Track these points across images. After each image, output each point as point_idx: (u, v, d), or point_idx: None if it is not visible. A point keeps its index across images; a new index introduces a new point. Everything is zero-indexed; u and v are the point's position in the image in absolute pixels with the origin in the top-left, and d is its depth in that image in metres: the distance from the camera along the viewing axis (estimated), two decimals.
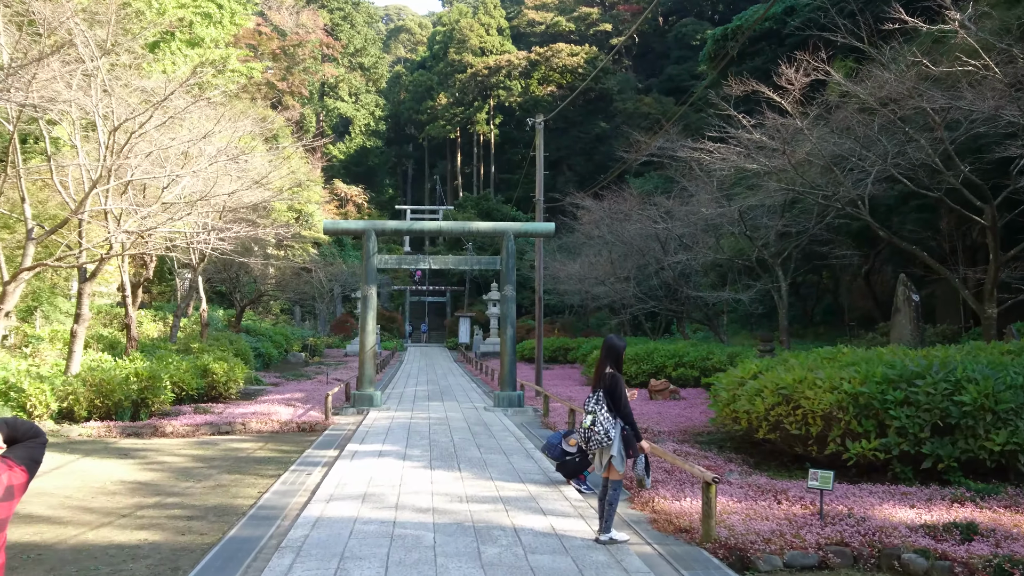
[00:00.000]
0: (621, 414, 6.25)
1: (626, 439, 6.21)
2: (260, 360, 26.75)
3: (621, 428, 6.23)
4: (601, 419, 6.22)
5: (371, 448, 10.74)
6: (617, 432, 6.20)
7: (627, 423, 6.25)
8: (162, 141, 15.10)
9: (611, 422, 6.21)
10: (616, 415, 6.25)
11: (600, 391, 6.35)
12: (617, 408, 6.26)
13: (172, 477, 9.13)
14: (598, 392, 6.36)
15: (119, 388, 12.89)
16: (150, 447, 11.33)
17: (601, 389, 6.34)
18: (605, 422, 6.21)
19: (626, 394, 6.33)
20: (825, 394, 9.04)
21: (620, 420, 6.24)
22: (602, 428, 6.20)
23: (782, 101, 13.69)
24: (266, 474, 9.36)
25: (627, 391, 6.41)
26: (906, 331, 17.20)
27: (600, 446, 6.19)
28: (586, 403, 6.43)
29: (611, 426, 6.20)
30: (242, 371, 17.76)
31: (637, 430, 6.32)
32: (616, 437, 6.18)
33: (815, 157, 14.10)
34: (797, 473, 9.57)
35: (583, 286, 33.18)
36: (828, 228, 20.81)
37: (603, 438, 6.18)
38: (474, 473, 8.91)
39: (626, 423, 6.24)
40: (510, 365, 16.38)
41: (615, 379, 6.31)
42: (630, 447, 6.22)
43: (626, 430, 6.24)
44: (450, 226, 16.95)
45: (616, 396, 6.25)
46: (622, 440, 6.22)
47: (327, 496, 7.65)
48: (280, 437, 12.68)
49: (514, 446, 11.11)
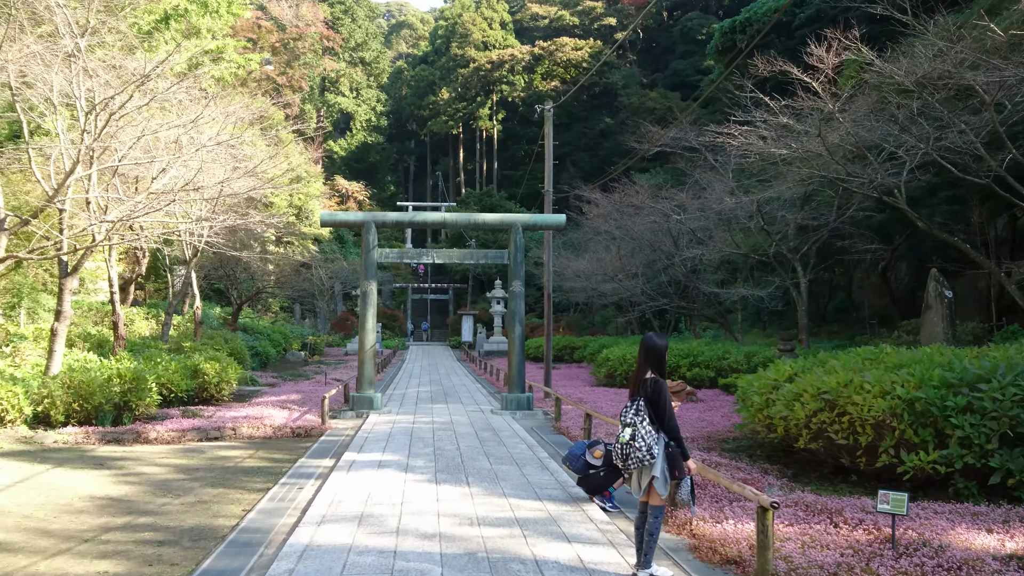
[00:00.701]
0: (666, 428, 5.29)
1: (671, 458, 5.25)
2: (257, 359, 25.84)
3: (666, 444, 5.28)
4: (643, 433, 5.27)
5: (370, 458, 9.81)
6: (661, 449, 5.25)
7: (672, 438, 5.29)
8: (150, 127, 14.18)
9: (654, 437, 5.26)
10: (660, 428, 5.30)
11: (640, 399, 5.39)
12: (660, 420, 5.30)
13: (148, 491, 8.21)
14: (637, 400, 5.41)
15: (99, 391, 11.97)
16: (130, 455, 10.41)
17: (641, 397, 5.39)
18: (647, 437, 5.25)
19: (671, 404, 5.37)
20: (875, 400, 8.09)
21: (664, 435, 5.29)
22: (644, 444, 5.25)
23: (812, 82, 12.73)
24: (253, 488, 8.44)
25: (672, 399, 5.45)
26: (938, 329, 16.24)
27: (640, 465, 5.25)
28: (623, 413, 5.48)
29: (654, 442, 5.24)
30: (235, 371, 16.85)
31: (684, 447, 5.36)
32: (660, 455, 5.23)
33: (847, 143, 13.14)
34: (842, 487, 8.64)
35: (589, 283, 32.27)
36: (851, 221, 19.86)
37: (645, 456, 5.23)
38: (484, 488, 7.97)
39: (671, 438, 5.29)
40: (518, 365, 15.45)
41: (658, 386, 5.34)
42: (676, 467, 5.25)
43: (671, 447, 5.28)
44: (454, 218, 15.98)
45: (660, 406, 5.30)
46: (667, 459, 5.27)
47: (319, 517, 6.72)
48: (272, 443, 11.76)
49: (526, 455, 10.18)
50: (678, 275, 28.03)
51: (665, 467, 5.27)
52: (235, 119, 15.96)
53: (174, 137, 15.31)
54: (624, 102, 67.70)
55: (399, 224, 16.04)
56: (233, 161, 16.27)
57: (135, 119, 14.79)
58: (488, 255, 16.06)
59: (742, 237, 23.69)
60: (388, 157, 79.51)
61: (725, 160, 21.48)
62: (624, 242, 29.32)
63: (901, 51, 12.87)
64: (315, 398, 16.21)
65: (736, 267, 30.10)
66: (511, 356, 15.62)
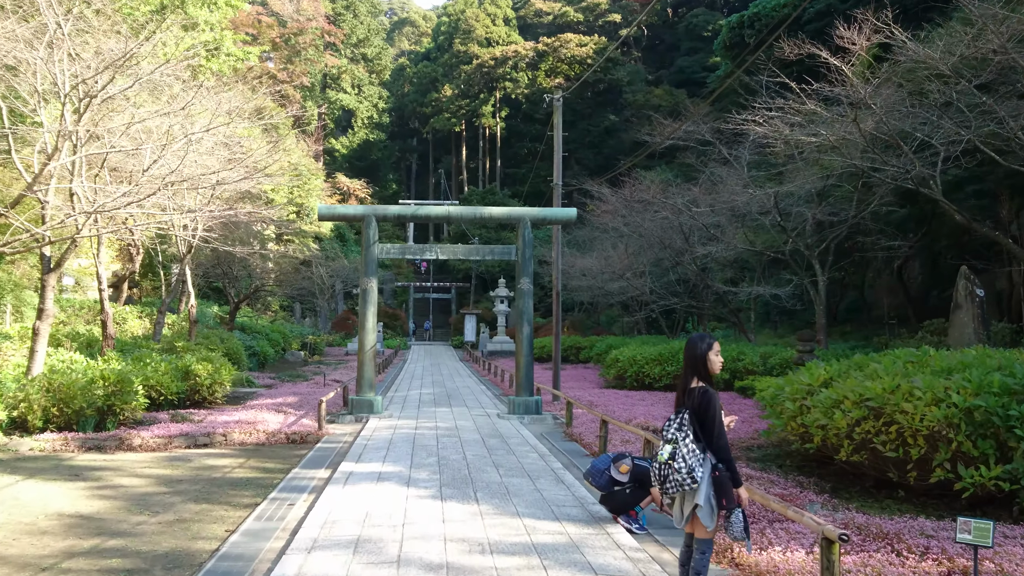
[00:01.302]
0: (714, 446, 4.47)
1: (719, 483, 4.43)
2: (254, 359, 25.09)
3: (713, 467, 4.48)
4: (684, 452, 4.47)
5: (369, 469, 9.02)
6: (706, 473, 4.45)
7: (721, 459, 4.46)
8: (140, 116, 13.42)
9: (698, 457, 4.45)
10: (707, 447, 4.50)
11: (685, 412, 4.60)
12: (707, 437, 4.49)
13: (124, 508, 7.43)
14: (682, 413, 4.61)
15: (80, 394, 11.19)
16: (110, 464, 9.64)
17: (687, 409, 4.59)
18: (690, 457, 4.44)
19: (722, 418, 4.55)
20: (928, 408, 7.30)
21: (711, 455, 4.49)
22: (684, 465, 4.45)
23: (842, 66, 11.93)
24: (240, 503, 7.66)
25: (723, 413, 4.64)
26: (968, 330, 15.41)
27: (680, 489, 4.46)
28: (665, 427, 4.69)
29: (698, 463, 4.44)
30: (229, 372, 16.07)
31: (736, 470, 4.50)
32: (705, 479, 4.43)
33: (879, 131, 12.33)
34: (888, 503, 7.85)
35: (595, 282, 31.48)
36: (871, 217, 19.04)
37: (685, 479, 4.43)
38: (495, 506, 7.18)
39: (720, 459, 4.47)
40: (526, 367, 14.65)
41: (706, 397, 4.52)
42: (724, 494, 4.41)
43: (720, 470, 4.46)
44: (459, 211, 15.18)
45: (707, 421, 4.49)
46: (712, 484, 4.46)
47: (309, 542, 5.94)
48: (265, 451, 10.98)
49: (538, 466, 9.39)
50: (687, 273, 27.22)
51: (711, 494, 4.46)
52: (230, 108, 15.17)
53: (166, 128, 14.56)
54: (629, 99, 66.87)
55: (401, 218, 15.25)
56: (228, 152, 15.48)
57: (122, 106, 14.04)
58: (495, 251, 15.26)
59: (756, 234, 22.88)
60: (390, 155, 78.70)
61: (740, 153, 20.69)
62: (631, 239, 28.52)
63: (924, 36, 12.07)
64: (313, 401, 15.45)
65: (746, 265, 29.27)
66: (519, 357, 14.83)
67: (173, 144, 13.37)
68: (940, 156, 12.27)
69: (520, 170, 71.22)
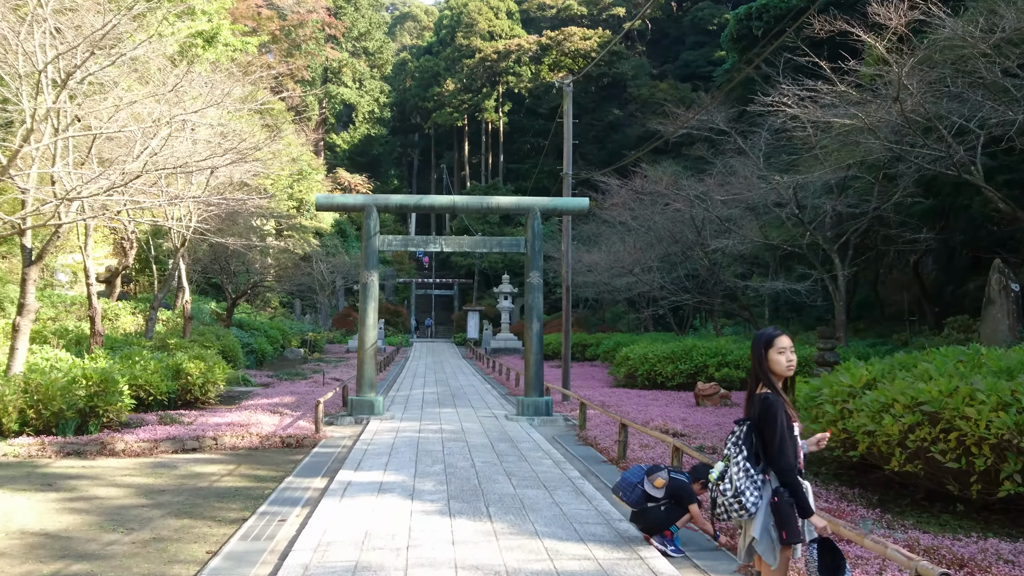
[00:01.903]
0: (776, 466, 3.67)
1: (778, 511, 3.60)
2: (252, 357, 24.34)
3: (774, 492, 3.67)
4: (734, 472, 3.69)
5: (369, 478, 8.25)
6: (764, 498, 3.67)
7: (784, 482, 3.64)
8: (129, 101, 12.63)
9: (752, 479, 3.65)
10: (764, 466, 3.72)
11: (746, 424, 3.81)
12: (766, 453, 3.71)
13: (96, 524, 6.67)
14: (743, 425, 3.83)
15: (60, 395, 10.43)
16: (88, 472, 8.88)
17: (749, 420, 3.81)
18: (740, 478, 3.65)
19: (787, 431, 3.71)
20: (994, 413, 6.52)
21: (769, 476, 3.70)
22: (731, 487, 3.67)
23: (877, 43, 11.12)
24: (226, 518, 6.89)
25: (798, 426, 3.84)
26: (1003, 326, 14.64)
27: (728, 516, 3.68)
28: (727, 441, 3.91)
29: (750, 486, 3.64)
30: (223, 371, 15.33)
31: (803, 496, 3.65)
32: (762, 507, 3.64)
33: (918, 113, 11.53)
34: (946, 519, 7.06)
35: (602, 278, 30.72)
36: (893, 209, 18.23)
37: (731, 503, 3.65)
38: (511, 523, 6.40)
39: (782, 482, 3.65)
40: (536, 366, 13.87)
41: (767, 405, 3.72)
42: (785, 525, 3.58)
43: (782, 495, 3.63)
44: (465, 201, 14.38)
45: (768, 433, 3.69)
46: (771, 512, 3.65)
47: (300, 569, 5.17)
48: (258, 456, 10.22)
49: (554, 474, 8.61)
50: (698, 268, 26.43)
51: (769, 524, 3.66)
52: (225, 92, 14.38)
53: (156, 115, 13.78)
54: (633, 93, 66.04)
55: (403, 208, 14.46)
56: (221, 139, 14.70)
57: (110, 90, 13.26)
58: (503, 243, 14.48)
59: (772, 227, 22.08)
60: (391, 150, 77.87)
61: (755, 143, 19.89)
62: (640, 233, 27.74)
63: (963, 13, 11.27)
64: (311, 400, 14.70)
65: (756, 260, 28.49)
66: (528, 355, 14.05)
67: (161, 129, 12.59)
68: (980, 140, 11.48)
69: (523, 166, 70.40)
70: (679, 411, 14.06)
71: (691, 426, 12.12)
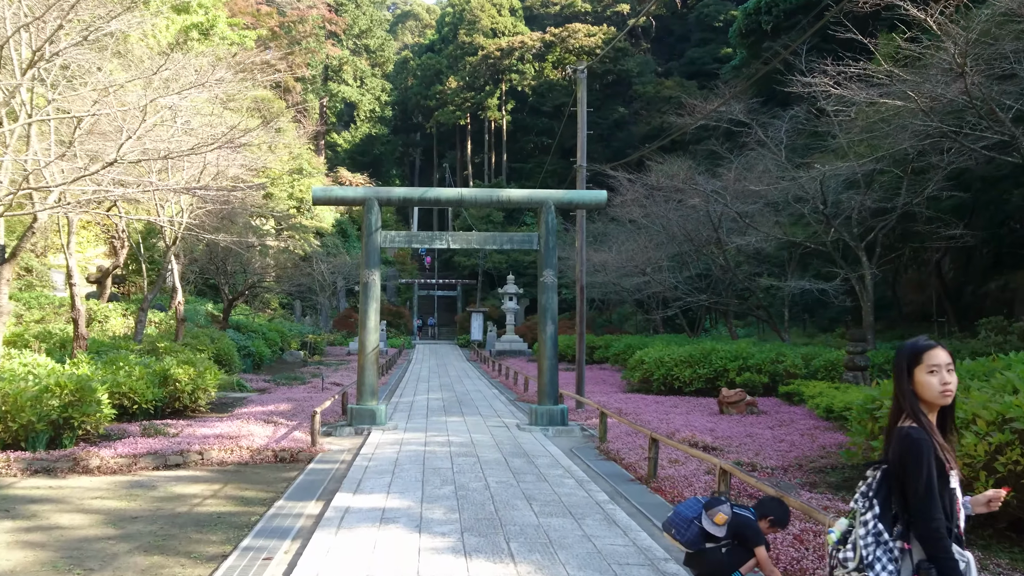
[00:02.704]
0: (918, 531, 2.65)
1: None
2: (249, 360, 23.39)
3: (916, 567, 2.66)
4: (859, 534, 2.70)
5: (370, 503, 7.26)
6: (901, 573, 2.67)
7: (931, 555, 2.62)
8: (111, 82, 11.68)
9: (883, 544, 2.67)
10: (903, 529, 2.72)
11: (880, 469, 2.82)
12: (903, 510, 2.73)
13: (51, 562, 5.69)
14: (879, 470, 2.82)
15: (30, 405, 9.45)
16: (54, 494, 7.90)
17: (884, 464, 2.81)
18: (870, 544, 2.68)
19: (936, 482, 2.65)
20: None
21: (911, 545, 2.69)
22: (853, 554, 2.71)
23: (926, 18, 10.12)
24: (203, 554, 5.92)
25: (950, 469, 2.80)
26: None
27: None
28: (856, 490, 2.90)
29: (882, 556, 2.66)
30: (215, 376, 14.35)
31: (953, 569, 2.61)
32: None
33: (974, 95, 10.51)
34: None
35: (610, 278, 29.76)
36: (926, 204, 17.24)
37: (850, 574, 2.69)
38: (538, 566, 5.40)
39: (928, 554, 2.63)
40: (550, 371, 12.89)
41: (910, 445, 2.65)
42: None
43: (925, 568, 2.62)
44: (473, 194, 13.39)
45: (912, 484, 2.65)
46: None
47: None
48: (247, 472, 9.25)
49: (579, 497, 7.61)
50: (711, 268, 25.46)
51: None
52: (216, 78, 13.42)
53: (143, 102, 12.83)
54: (639, 91, 65.07)
55: (407, 201, 13.48)
56: (211, 129, 13.75)
57: (90, 76, 12.32)
58: (514, 239, 13.49)
59: (792, 224, 21.08)
60: (393, 149, 76.94)
61: (775, 136, 18.90)
62: (651, 231, 26.75)
63: None
64: (308, 408, 13.71)
65: (772, 259, 27.51)
66: (541, 360, 13.06)
67: (148, 115, 11.62)
68: None
69: (527, 165, 69.46)
70: (703, 420, 13.07)
71: (720, 438, 11.12)
